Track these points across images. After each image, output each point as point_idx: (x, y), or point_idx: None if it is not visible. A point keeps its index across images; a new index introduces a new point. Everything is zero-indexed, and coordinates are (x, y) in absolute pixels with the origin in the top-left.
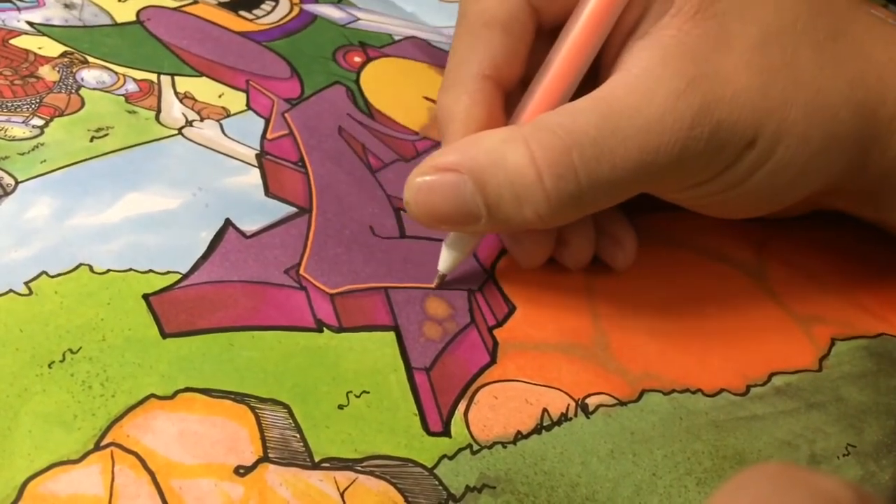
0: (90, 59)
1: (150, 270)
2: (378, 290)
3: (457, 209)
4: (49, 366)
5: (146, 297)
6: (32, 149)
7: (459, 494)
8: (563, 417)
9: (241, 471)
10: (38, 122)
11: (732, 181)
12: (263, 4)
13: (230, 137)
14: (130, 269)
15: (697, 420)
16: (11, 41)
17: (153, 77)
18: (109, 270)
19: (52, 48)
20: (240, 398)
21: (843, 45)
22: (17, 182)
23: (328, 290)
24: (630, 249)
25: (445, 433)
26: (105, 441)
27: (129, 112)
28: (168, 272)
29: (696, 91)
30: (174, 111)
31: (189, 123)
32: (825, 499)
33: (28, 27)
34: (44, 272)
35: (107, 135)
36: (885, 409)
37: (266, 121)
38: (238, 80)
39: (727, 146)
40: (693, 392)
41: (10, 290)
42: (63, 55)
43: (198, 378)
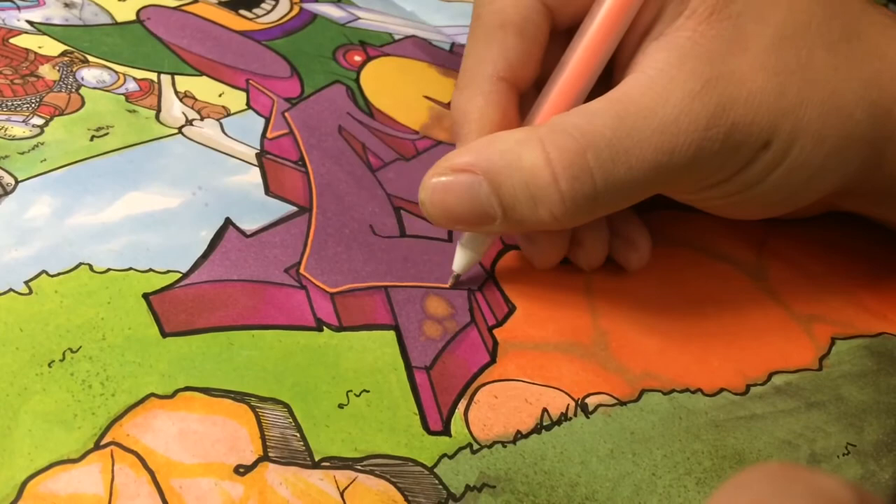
0: (90, 59)
1: (151, 269)
2: (378, 289)
3: (472, 210)
4: (49, 365)
5: (146, 297)
6: (32, 148)
7: (459, 494)
8: (563, 417)
9: (241, 470)
10: (39, 122)
11: (747, 182)
12: (263, 3)
13: (230, 136)
14: (130, 269)
15: (697, 420)
16: (11, 40)
17: (153, 76)
18: (109, 269)
19: (53, 47)
20: (240, 397)
21: (857, 46)
22: (18, 181)
23: (328, 289)
24: (644, 251)
25: (445, 432)
26: (105, 440)
27: (130, 111)
28: (168, 271)
29: (712, 92)
30: (174, 110)
31: (189, 122)
32: (825, 498)
33: (28, 26)
34: (44, 271)
35: (107, 134)
36: (886, 409)
37: (266, 120)
38: (238, 80)
39: (742, 147)
40: (693, 392)
41: (10, 290)
42: (63, 54)
43: (198, 377)
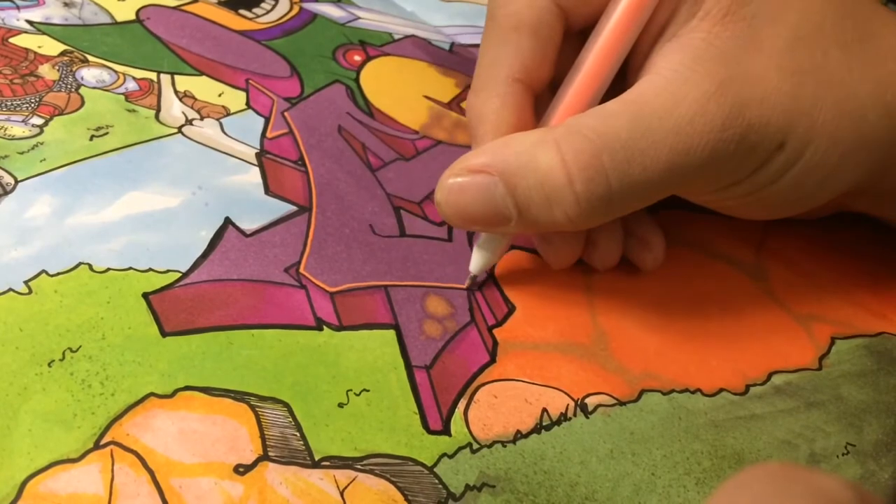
0: (90, 58)
1: (150, 269)
2: (378, 289)
3: (487, 210)
4: (49, 364)
5: (146, 296)
6: (32, 147)
7: (459, 493)
8: (563, 417)
9: (241, 469)
10: (38, 121)
11: (762, 183)
12: (263, 3)
13: (230, 136)
14: (130, 268)
15: (697, 420)
16: (11, 40)
17: (153, 76)
18: (109, 269)
19: (52, 47)
20: (240, 397)
21: (871, 47)
22: (17, 181)
23: (328, 289)
24: (658, 251)
25: (445, 432)
26: (105, 440)
27: (129, 111)
28: (168, 271)
29: (727, 93)
30: (174, 110)
31: (189, 122)
32: (825, 498)
33: (28, 26)
34: (44, 271)
35: (106, 133)
36: (885, 408)
37: (266, 119)
38: (238, 79)
39: (757, 148)
40: (692, 392)
41: (10, 289)
42: (63, 54)
43: (197, 377)
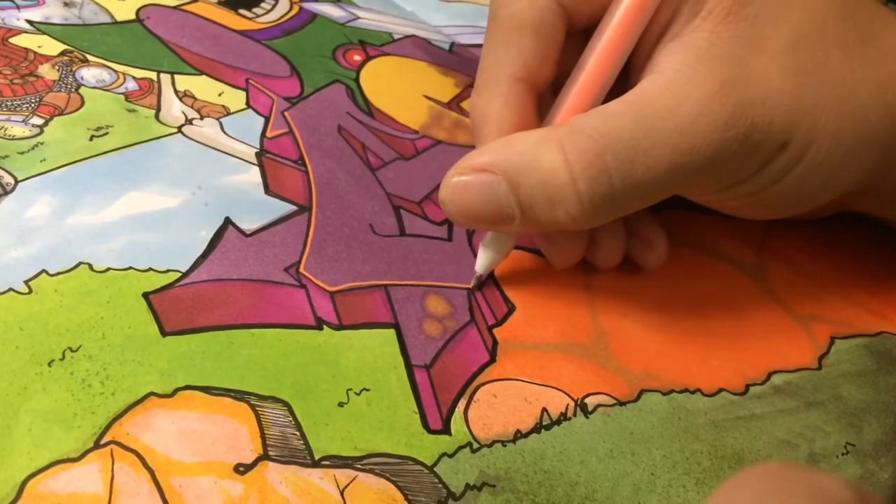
0: (90, 58)
1: (150, 269)
2: (378, 288)
3: (490, 209)
4: (49, 364)
5: (146, 296)
6: (32, 148)
7: (459, 493)
8: (563, 417)
9: (241, 469)
10: (38, 121)
11: (764, 183)
12: (263, 3)
13: (230, 136)
14: (130, 268)
15: (696, 420)
16: (11, 40)
17: (153, 75)
18: (109, 269)
19: (52, 47)
20: (240, 396)
21: (872, 48)
22: (17, 181)
23: (328, 288)
24: (661, 250)
25: (445, 431)
26: (105, 439)
27: (129, 111)
28: (168, 270)
29: (730, 93)
30: (174, 109)
31: (189, 122)
32: (825, 498)
33: (28, 25)
34: (44, 271)
35: (106, 133)
36: (885, 408)
37: (266, 119)
38: (238, 79)
39: (760, 148)
40: (692, 392)
41: (10, 289)
42: (63, 53)
43: (198, 376)
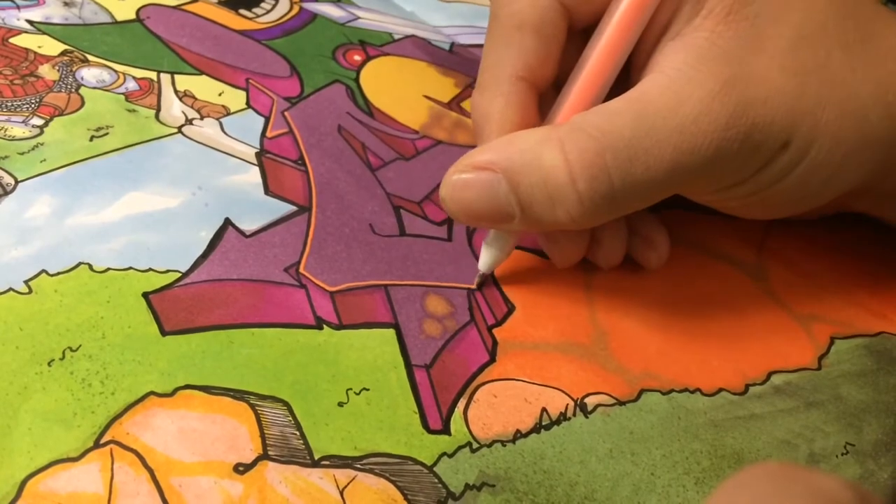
0: (90, 58)
1: (150, 269)
2: (378, 288)
3: (491, 207)
4: (49, 364)
5: (146, 296)
6: (32, 148)
7: (459, 492)
8: (562, 417)
9: (241, 468)
10: (38, 122)
11: (765, 183)
12: (263, 3)
13: (230, 136)
14: (130, 268)
15: (696, 420)
16: (11, 40)
17: (153, 75)
18: (109, 269)
19: (52, 47)
20: (239, 395)
21: (872, 48)
22: (17, 181)
23: (328, 288)
24: (663, 249)
25: (445, 431)
26: (105, 439)
27: (129, 111)
28: (168, 271)
29: (731, 92)
30: (174, 109)
31: (189, 122)
32: (824, 498)
33: (28, 25)
34: (44, 271)
35: (107, 134)
36: (885, 408)
37: (266, 119)
38: (238, 79)
39: (761, 147)
40: (692, 392)
41: (10, 289)
42: (63, 54)
43: (197, 375)
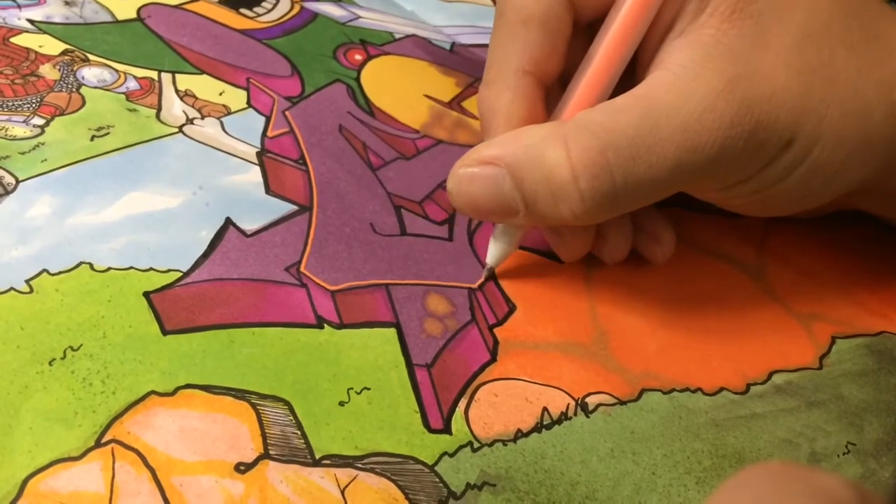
0: (91, 57)
1: (151, 269)
2: (379, 287)
3: (495, 202)
4: (50, 363)
5: (147, 295)
6: (33, 148)
7: (460, 492)
8: (563, 416)
9: (242, 468)
10: (39, 122)
11: (769, 181)
12: (264, 2)
13: (231, 135)
14: (131, 268)
15: (697, 419)
16: (12, 39)
17: (154, 75)
18: (110, 268)
19: (53, 46)
20: (240, 395)
21: (876, 47)
22: (18, 181)
23: (329, 287)
24: (668, 244)
25: (446, 430)
26: (106, 438)
27: (130, 110)
28: (169, 270)
29: (736, 90)
30: (175, 109)
31: (190, 121)
32: (826, 497)
33: (29, 25)
34: (45, 270)
35: (107, 133)
36: (886, 407)
37: (267, 118)
38: (239, 78)
39: (766, 145)
40: (693, 391)
41: (12, 288)
42: (64, 53)
43: (198, 375)
